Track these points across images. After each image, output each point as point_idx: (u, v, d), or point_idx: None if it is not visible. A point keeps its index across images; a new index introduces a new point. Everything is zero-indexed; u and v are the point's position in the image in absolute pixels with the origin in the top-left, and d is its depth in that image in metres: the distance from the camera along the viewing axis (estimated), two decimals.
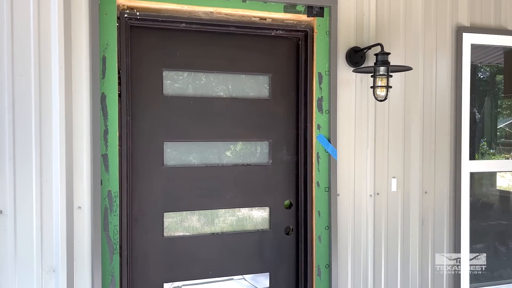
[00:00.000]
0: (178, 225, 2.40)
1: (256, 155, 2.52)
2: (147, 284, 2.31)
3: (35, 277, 2.00)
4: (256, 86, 2.50)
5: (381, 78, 2.24)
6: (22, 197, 1.97)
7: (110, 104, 2.10)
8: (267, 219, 2.55)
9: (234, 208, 2.49)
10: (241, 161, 2.49)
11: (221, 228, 2.47)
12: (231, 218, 2.50)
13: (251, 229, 2.52)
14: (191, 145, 2.41)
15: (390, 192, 2.57)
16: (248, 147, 2.51)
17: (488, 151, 3.25)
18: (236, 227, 2.50)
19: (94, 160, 2.05)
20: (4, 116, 1.93)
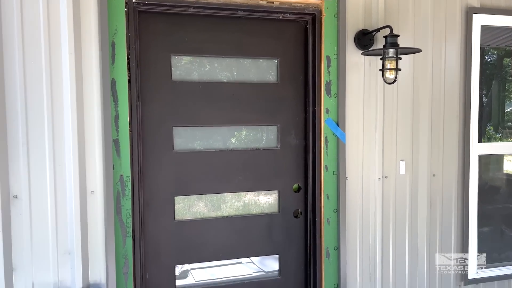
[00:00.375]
0: (189, 209, 2.43)
1: (264, 140, 2.54)
2: (159, 266, 2.36)
3: (51, 260, 2.05)
4: (264, 70, 2.50)
5: (390, 61, 2.24)
6: (36, 182, 2.01)
7: (120, 89, 2.12)
8: (276, 202, 2.57)
9: (243, 192, 2.51)
10: (249, 145, 2.51)
11: (231, 212, 2.50)
12: (240, 202, 2.53)
13: (260, 212, 2.55)
14: (200, 130, 2.43)
15: (399, 175, 2.58)
16: (256, 131, 2.52)
17: (494, 135, 3.23)
18: (246, 211, 2.53)
19: (106, 145, 2.07)
20: (17, 103, 1.96)
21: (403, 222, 2.60)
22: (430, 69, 2.60)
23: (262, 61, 2.48)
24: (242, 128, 2.50)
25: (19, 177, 1.98)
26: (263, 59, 2.48)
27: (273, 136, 2.54)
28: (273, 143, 2.54)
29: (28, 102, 1.97)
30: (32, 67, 1.97)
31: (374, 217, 2.54)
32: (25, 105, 1.97)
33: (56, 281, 2.07)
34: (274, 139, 2.54)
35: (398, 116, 2.56)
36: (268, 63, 2.49)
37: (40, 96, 1.99)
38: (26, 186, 2.00)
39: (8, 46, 1.92)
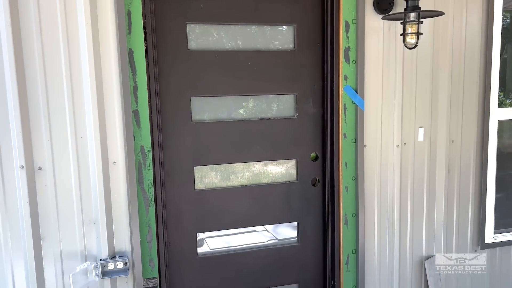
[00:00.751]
0: (208, 178, 2.46)
1: (282, 109, 2.52)
2: (181, 234, 2.41)
3: (77, 230, 2.10)
4: (281, 37, 2.46)
5: (411, 25, 2.18)
6: (59, 154, 2.03)
7: (137, 59, 2.10)
8: (294, 171, 2.59)
9: (262, 161, 2.52)
10: (267, 115, 2.50)
11: (250, 181, 2.52)
12: (259, 171, 2.54)
13: (278, 181, 2.57)
14: (217, 100, 2.42)
15: (417, 142, 2.56)
16: (273, 100, 2.51)
17: (504, 101, 3.16)
18: (264, 180, 2.55)
19: (126, 116, 2.07)
20: (36, 76, 1.95)
21: (421, 188, 2.61)
22: (451, 33, 2.53)
23: (279, 28, 2.44)
24: (260, 98, 2.48)
25: (42, 149, 2.01)
26: (280, 25, 2.43)
27: (291, 105, 2.52)
28: (290, 112, 2.53)
29: (47, 75, 1.97)
30: (49, 39, 1.95)
31: (392, 184, 2.55)
32: (45, 78, 1.96)
33: (83, 250, 2.12)
34: (291, 108, 2.53)
35: (417, 82, 2.52)
36: (285, 30, 2.45)
37: (59, 68, 1.98)
38: (50, 158, 2.02)
39: (24, 18, 1.90)
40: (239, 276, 2.55)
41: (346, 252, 2.53)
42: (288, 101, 2.52)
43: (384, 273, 2.60)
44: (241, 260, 2.55)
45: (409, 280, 2.65)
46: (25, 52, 1.92)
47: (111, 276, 2.14)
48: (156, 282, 2.27)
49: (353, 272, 2.55)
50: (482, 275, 2.79)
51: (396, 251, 2.60)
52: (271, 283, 2.61)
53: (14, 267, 2.04)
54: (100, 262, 2.12)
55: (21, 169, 1.97)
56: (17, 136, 1.95)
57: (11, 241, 2.02)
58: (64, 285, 2.11)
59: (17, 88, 1.92)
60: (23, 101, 1.94)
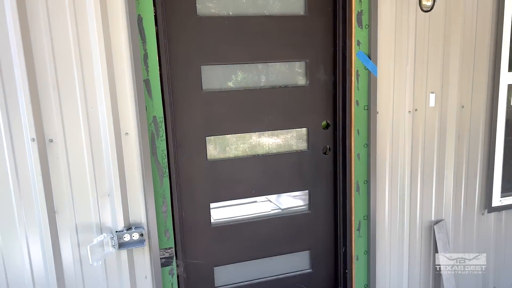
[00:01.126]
0: (220, 148, 2.43)
1: (293, 76, 2.48)
2: (195, 204, 2.40)
3: (91, 202, 2.08)
4: (292, 1, 2.38)
5: None
6: (70, 125, 1.98)
7: (147, 26, 2.02)
8: (305, 140, 2.57)
9: (273, 131, 2.50)
10: (278, 83, 2.45)
11: (261, 150, 2.50)
12: (270, 140, 2.52)
13: (289, 150, 2.55)
14: (227, 68, 2.36)
15: (428, 107, 2.55)
16: (284, 68, 2.46)
17: None
18: (276, 149, 2.53)
19: (137, 85, 2.01)
20: (43, 45, 1.87)
21: (431, 154, 2.62)
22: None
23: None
24: (270, 65, 2.42)
25: (52, 121, 1.95)
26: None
27: (302, 72, 2.48)
28: (301, 80, 2.49)
29: (54, 43, 1.89)
30: (55, 3, 1.86)
31: (404, 150, 2.55)
32: (52, 47, 1.89)
33: (98, 223, 2.11)
34: (302, 75, 2.48)
35: (429, 46, 2.48)
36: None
37: (66, 36, 1.90)
38: (61, 130, 1.97)
39: None
40: (252, 244, 2.57)
41: (357, 219, 2.55)
42: (300, 68, 2.47)
43: (395, 238, 2.64)
44: (254, 228, 2.56)
45: (418, 244, 2.70)
46: (30, 20, 1.84)
47: (128, 247, 2.13)
48: (172, 252, 2.27)
49: (364, 238, 2.59)
50: (487, 236, 2.85)
51: (406, 216, 2.64)
52: (283, 250, 2.64)
53: (29, 241, 2.02)
54: (116, 234, 2.11)
55: (32, 141, 1.92)
56: (26, 108, 1.88)
57: (25, 215, 1.99)
58: (80, 258, 2.11)
59: (24, 58, 1.85)
60: (31, 71, 1.87)
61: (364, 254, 2.61)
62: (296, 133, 2.56)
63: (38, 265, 2.05)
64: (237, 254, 2.55)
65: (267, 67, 2.42)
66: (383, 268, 2.66)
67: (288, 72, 2.47)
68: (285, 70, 2.46)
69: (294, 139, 2.56)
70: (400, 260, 2.68)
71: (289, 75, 2.47)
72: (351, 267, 2.62)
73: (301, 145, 2.58)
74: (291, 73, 2.47)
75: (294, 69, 2.47)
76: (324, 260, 2.73)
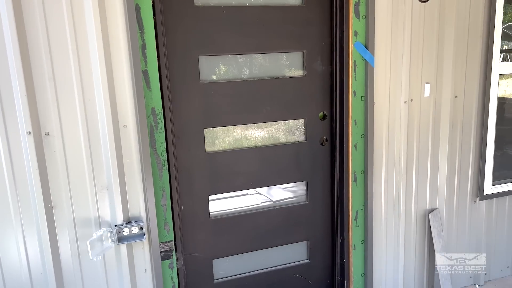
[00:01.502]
0: (219, 140, 2.41)
1: (290, 67, 2.47)
2: (193, 197, 2.38)
3: (89, 196, 2.04)
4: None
5: None
6: (66, 118, 1.93)
7: (145, 16, 1.98)
8: (303, 131, 2.57)
9: (271, 122, 2.49)
10: (275, 74, 2.44)
11: (259, 142, 2.49)
12: (268, 131, 2.51)
13: (287, 141, 2.55)
14: (225, 58, 2.33)
15: (423, 97, 2.58)
16: (282, 58, 2.44)
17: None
18: (274, 140, 2.53)
19: (136, 77, 1.97)
20: (38, 34, 1.81)
21: (426, 143, 2.65)
22: None
23: None
24: (268, 56, 2.41)
25: (49, 113, 1.90)
26: None
27: (299, 63, 2.47)
28: (299, 71, 2.48)
29: (49, 32, 1.83)
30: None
31: (399, 139, 2.58)
32: (47, 37, 1.83)
33: (97, 217, 2.07)
34: (300, 66, 2.48)
35: (424, 37, 2.50)
36: None
37: (62, 26, 1.84)
38: (57, 122, 1.92)
39: None
40: (250, 236, 2.57)
41: (355, 208, 2.58)
42: (297, 59, 2.46)
43: (391, 227, 2.68)
44: (252, 220, 2.55)
45: (413, 233, 2.75)
46: (25, 8, 1.78)
47: (127, 241, 2.10)
48: (171, 245, 2.25)
49: (361, 228, 2.61)
50: (479, 223, 2.92)
51: (402, 205, 2.67)
52: (281, 242, 2.65)
53: (26, 237, 1.97)
54: (116, 228, 2.08)
55: (28, 135, 1.86)
56: (21, 100, 1.83)
57: (22, 210, 1.94)
58: (79, 252, 2.07)
59: (19, 48, 1.79)
60: (26, 62, 1.82)
61: (361, 243, 2.63)
62: (293, 124, 2.56)
63: (35, 261, 2.00)
64: (235, 246, 2.55)
65: (265, 57, 2.41)
66: (379, 257, 2.69)
67: (286, 62, 2.46)
68: (283, 60, 2.45)
69: (291, 130, 2.56)
70: (396, 249, 2.72)
71: (287, 66, 2.46)
72: (349, 257, 2.65)
73: (298, 136, 2.58)
74: (289, 64, 2.47)
75: (291, 59, 2.46)
76: (321, 250, 2.75)
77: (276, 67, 2.44)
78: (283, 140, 2.55)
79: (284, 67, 2.46)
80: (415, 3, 2.41)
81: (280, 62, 2.45)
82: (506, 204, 2.98)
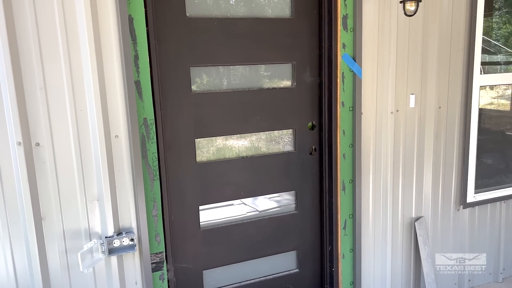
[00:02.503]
0: (209, 150, 2.42)
1: (280, 78, 2.51)
2: (184, 207, 2.38)
3: (80, 207, 2.01)
4: (279, 4, 2.41)
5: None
6: (57, 128, 1.91)
7: (138, 27, 1.99)
8: (292, 141, 2.61)
9: (261, 132, 2.52)
10: (265, 85, 2.48)
11: (249, 152, 2.51)
12: (258, 141, 2.54)
13: (277, 151, 2.58)
14: (217, 69, 2.36)
15: (409, 108, 2.65)
16: (272, 69, 2.48)
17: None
18: (263, 150, 2.55)
19: (128, 87, 1.97)
20: (30, 43, 1.80)
21: (411, 153, 2.72)
22: (439, 1, 2.60)
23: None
24: (258, 67, 2.45)
25: (39, 124, 1.88)
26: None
27: (289, 74, 2.51)
28: (288, 82, 2.52)
29: (41, 41, 1.82)
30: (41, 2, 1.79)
31: (386, 150, 2.64)
32: (39, 46, 1.82)
33: (87, 228, 2.04)
34: (289, 77, 2.52)
35: (409, 49, 2.58)
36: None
37: (54, 35, 1.84)
38: (48, 132, 1.90)
39: None
40: (240, 246, 2.57)
41: (343, 217, 2.61)
42: (286, 70, 2.51)
43: (378, 235, 2.72)
44: (242, 230, 2.56)
45: (400, 240, 2.80)
46: (16, 17, 1.77)
47: (118, 253, 2.08)
48: (162, 257, 2.24)
49: (350, 236, 2.65)
50: (463, 231, 2.99)
51: (389, 213, 2.72)
52: (271, 251, 2.66)
53: (14, 249, 1.93)
54: (106, 240, 2.05)
55: (18, 145, 1.84)
56: (12, 110, 1.81)
57: (10, 222, 1.90)
58: (68, 265, 2.03)
59: (10, 58, 1.78)
60: (17, 71, 1.80)
61: (350, 252, 2.67)
62: (283, 134, 2.59)
63: (23, 273, 1.96)
64: (225, 257, 2.54)
65: (256, 68, 2.44)
66: (368, 265, 2.73)
67: (276, 74, 2.50)
68: (273, 72, 2.49)
69: (281, 140, 2.59)
70: (384, 256, 2.77)
71: (276, 77, 2.50)
72: (337, 265, 2.68)
73: (288, 146, 2.61)
74: (279, 75, 2.51)
75: (281, 71, 2.50)
76: (310, 260, 2.77)
77: (266, 78, 2.47)
78: (273, 150, 2.58)
79: (274, 78, 2.50)
80: (400, 17, 2.49)
81: (270, 73, 2.48)
82: (488, 212, 3.07)
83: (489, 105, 3.27)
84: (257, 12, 2.37)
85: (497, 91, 3.42)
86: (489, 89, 3.21)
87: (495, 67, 3.36)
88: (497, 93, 3.43)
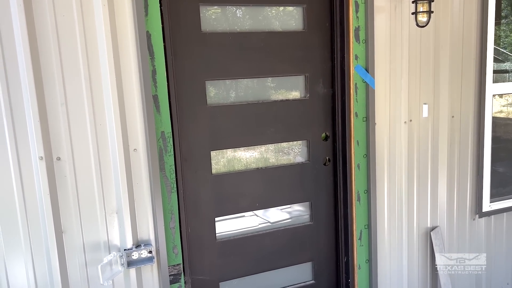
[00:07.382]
0: (224, 162, 2.45)
1: (293, 90, 2.54)
2: (200, 219, 2.40)
3: (99, 220, 2.04)
4: (291, 18, 2.46)
5: (422, 3, 2.25)
6: (78, 143, 1.95)
7: (155, 42, 2.03)
8: (306, 152, 2.62)
9: (275, 144, 2.54)
10: (279, 97, 2.51)
11: (264, 163, 2.53)
12: (273, 153, 2.56)
13: (291, 162, 2.60)
14: (231, 82, 2.40)
15: (422, 118, 2.66)
16: (285, 82, 2.52)
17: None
18: (278, 161, 2.57)
19: (147, 101, 2.01)
20: (52, 61, 1.85)
21: (426, 163, 2.72)
22: (450, 10, 2.63)
23: (289, 9, 2.44)
24: (271, 79, 2.48)
25: (60, 139, 1.92)
26: (290, 5, 2.43)
27: (302, 86, 2.54)
28: (302, 93, 2.55)
29: (63, 59, 1.87)
30: (64, 21, 1.85)
31: (400, 159, 2.64)
32: (60, 63, 1.87)
33: (106, 241, 2.07)
34: (302, 89, 2.55)
35: (421, 60, 2.60)
36: (295, 11, 2.45)
37: (75, 53, 1.89)
38: (69, 147, 1.94)
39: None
40: (256, 258, 2.57)
41: (359, 228, 2.61)
42: (300, 82, 2.54)
43: (394, 246, 2.71)
44: (258, 241, 2.57)
45: (416, 250, 2.78)
46: (39, 36, 1.82)
47: (137, 265, 2.10)
48: (180, 269, 2.25)
49: (365, 247, 2.64)
50: (479, 240, 2.97)
51: (404, 223, 2.72)
52: (287, 263, 2.66)
53: (35, 261, 1.96)
54: (125, 252, 2.08)
55: (40, 160, 1.88)
56: (34, 125, 1.85)
57: (31, 235, 1.93)
58: (88, 278, 2.06)
59: (33, 75, 1.82)
60: (39, 87, 1.85)
61: (366, 262, 2.66)
62: (297, 145, 2.61)
63: (44, 286, 1.98)
64: (241, 268, 2.55)
65: (269, 81, 2.48)
66: (384, 276, 2.71)
67: (289, 86, 2.53)
68: (286, 84, 2.52)
69: (295, 151, 2.61)
70: (400, 267, 2.75)
71: (290, 89, 2.53)
72: (353, 277, 2.67)
73: (302, 157, 2.63)
74: (292, 87, 2.54)
75: (294, 83, 2.53)
76: (326, 271, 2.76)
77: (279, 90, 2.51)
78: (287, 161, 2.60)
79: (287, 90, 2.53)
80: (412, 28, 2.52)
81: (283, 85, 2.51)
82: (504, 221, 3.05)
83: (499, 113, 3.26)
84: (270, 26, 2.41)
85: (506, 98, 3.42)
86: (498, 97, 3.21)
87: (503, 75, 3.36)
88: (507, 101, 3.43)
